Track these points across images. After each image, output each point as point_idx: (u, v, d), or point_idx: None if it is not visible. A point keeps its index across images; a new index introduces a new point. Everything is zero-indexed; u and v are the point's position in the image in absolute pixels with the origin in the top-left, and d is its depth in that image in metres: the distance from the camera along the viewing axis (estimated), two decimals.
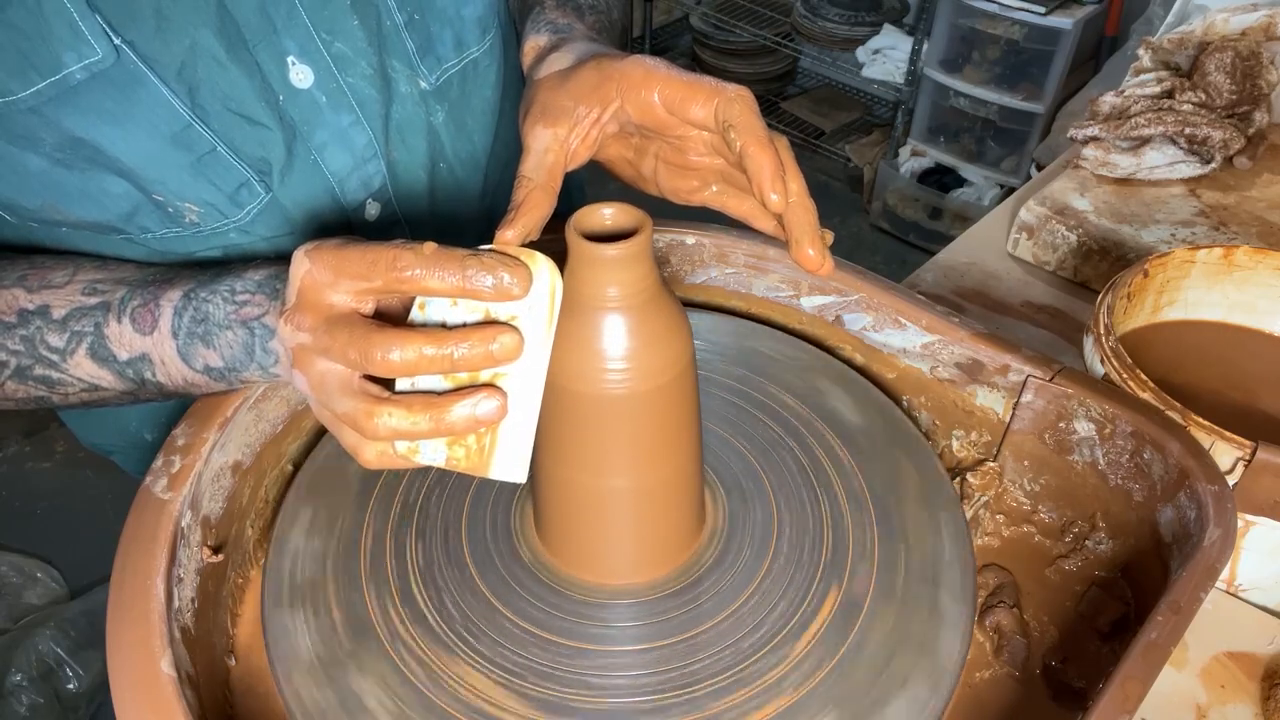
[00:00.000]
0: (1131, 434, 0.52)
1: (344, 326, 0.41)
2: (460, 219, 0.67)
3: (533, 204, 0.45)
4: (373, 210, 0.61)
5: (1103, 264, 0.87)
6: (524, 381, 0.41)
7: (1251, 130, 0.93)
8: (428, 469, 0.54)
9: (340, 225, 0.60)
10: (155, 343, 0.49)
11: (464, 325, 0.41)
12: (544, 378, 0.42)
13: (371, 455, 0.42)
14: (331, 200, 0.59)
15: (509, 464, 0.42)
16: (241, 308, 0.48)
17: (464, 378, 0.41)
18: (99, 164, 0.50)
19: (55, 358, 0.50)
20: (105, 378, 0.50)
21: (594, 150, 0.49)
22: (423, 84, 0.60)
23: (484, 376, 0.41)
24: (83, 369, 0.50)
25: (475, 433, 0.41)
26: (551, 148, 0.47)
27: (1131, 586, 0.53)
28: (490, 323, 0.41)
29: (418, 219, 0.65)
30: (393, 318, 0.43)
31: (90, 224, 0.53)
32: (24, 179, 0.50)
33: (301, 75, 0.54)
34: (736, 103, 0.45)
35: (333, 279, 0.41)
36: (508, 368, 0.41)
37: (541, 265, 0.41)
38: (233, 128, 0.52)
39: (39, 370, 0.51)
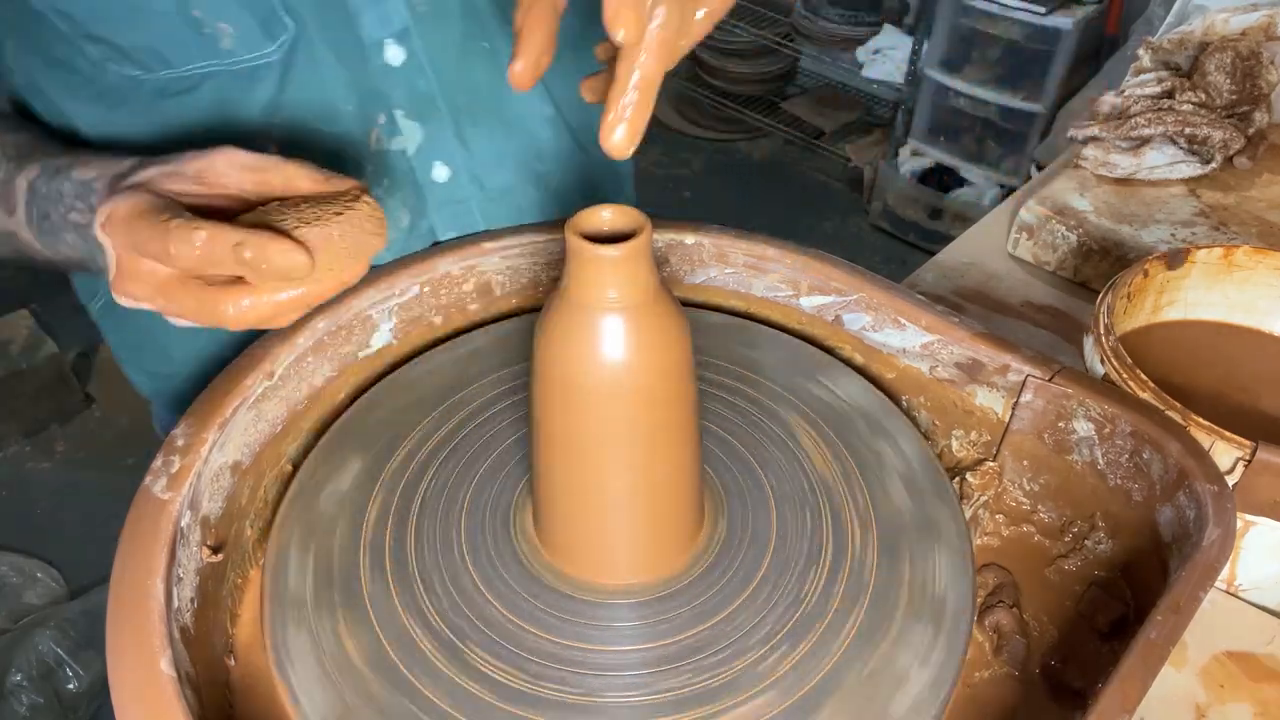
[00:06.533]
0: (1131, 434, 0.52)
1: (181, 293, 0.41)
2: (501, 84, 0.64)
3: (531, 26, 0.41)
4: (395, 54, 0.60)
5: (1103, 264, 0.87)
6: None
7: (1251, 130, 0.93)
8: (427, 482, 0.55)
9: (359, 68, 0.59)
10: (18, 225, 0.50)
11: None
12: None
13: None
14: (351, 36, 0.58)
15: None
16: (69, 212, 0.48)
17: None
18: None
19: None
20: None
21: None
22: None
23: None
24: None
25: None
26: None
27: (1131, 586, 0.53)
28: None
29: (448, 82, 0.63)
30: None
31: (135, 49, 0.53)
32: None
33: None
34: None
35: (136, 255, 0.41)
36: None
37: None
38: None
39: None
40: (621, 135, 0.41)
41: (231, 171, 0.46)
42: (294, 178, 0.46)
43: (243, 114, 0.58)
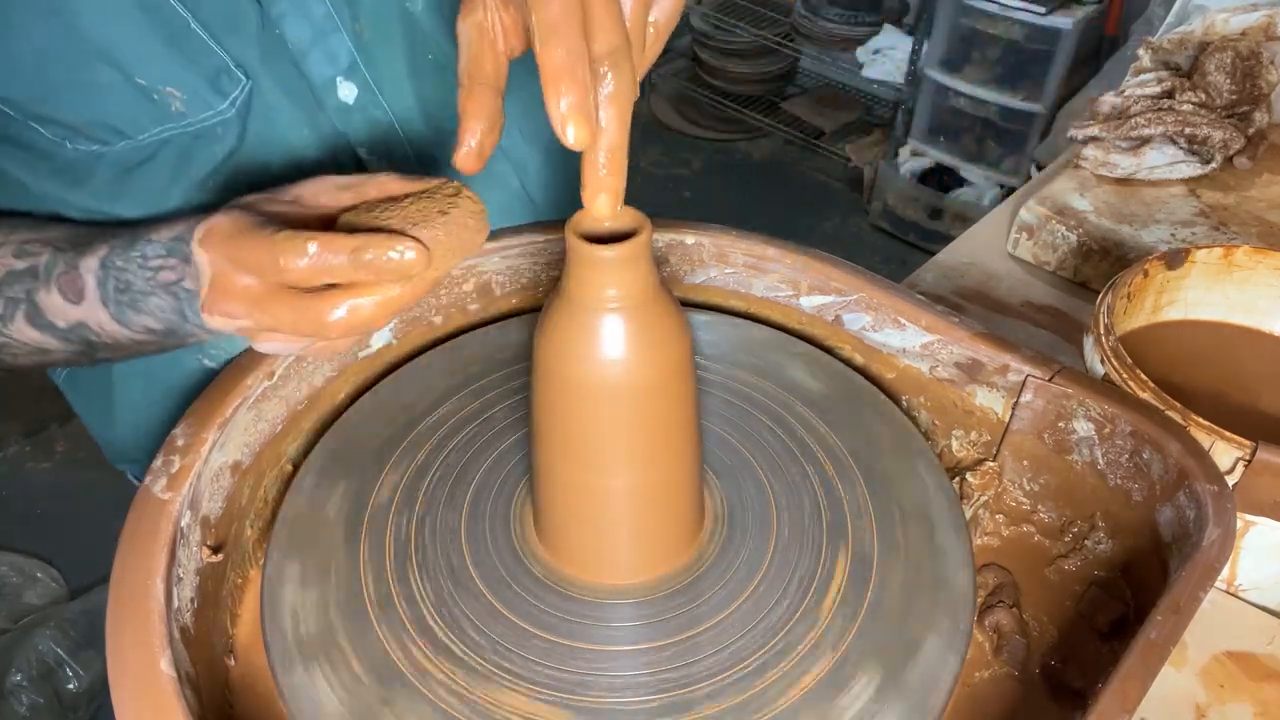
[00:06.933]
0: (1131, 434, 0.52)
1: (276, 304, 0.40)
2: (452, 98, 0.65)
3: (473, 110, 0.41)
4: (347, 91, 0.59)
5: (1103, 264, 0.87)
6: None
7: (1251, 130, 0.93)
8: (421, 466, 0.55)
9: (316, 112, 0.58)
10: (87, 311, 0.49)
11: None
12: None
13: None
14: (301, 79, 0.57)
15: None
16: (158, 273, 0.47)
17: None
18: (84, 51, 0.49)
19: None
20: (50, 343, 0.50)
21: (525, 34, 0.43)
22: None
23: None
24: (25, 335, 0.50)
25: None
26: (472, 40, 0.42)
27: (1131, 586, 0.53)
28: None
29: (403, 107, 0.62)
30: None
31: (87, 125, 0.53)
32: (18, 72, 0.50)
33: None
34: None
35: (234, 269, 0.41)
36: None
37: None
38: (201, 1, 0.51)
39: None
40: (604, 204, 0.42)
41: (327, 191, 0.46)
42: (386, 184, 0.46)
43: (205, 175, 0.57)
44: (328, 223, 0.43)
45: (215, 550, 0.49)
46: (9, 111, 0.53)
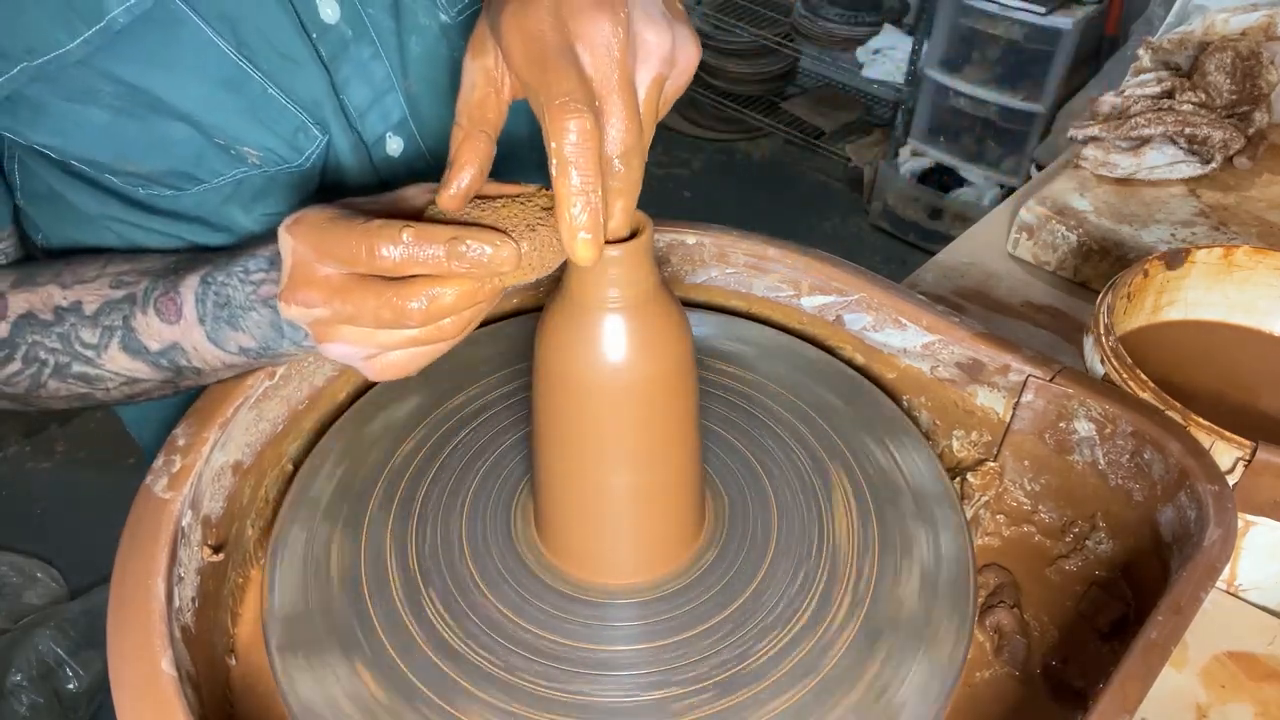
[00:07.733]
0: (1132, 434, 0.52)
1: (360, 292, 0.40)
2: (497, 164, 0.66)
3: (464, 157, 0.41)
4: (394, 145, 0.60)
5: (1103, 264, 0.87)
6: None
7: (1251, 130, 0.94)
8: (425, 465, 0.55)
9: (366, 165, 0.59)
10: (183, 331, 0.49)
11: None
12: None
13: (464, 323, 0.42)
14: (356, 135, 0.58)
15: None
16: (259, 287, 0.47)
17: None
18: (159, 111, 0.50)
19: (90, 354, 0.50)
20: (141, 369, 0.51)
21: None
22: (443, 17, 0.59)
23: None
24: (117, 363, 0.50)
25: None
26: (478, 83, 0.42)
27: (1131, 586, 0.53)
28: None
29: (444, 154, 0.63)
30: None
31: (162, 174, 0.53)
32: (91, 134, 0.50)
33: (330, 11, 0.53)
34: (551, 121, 0.37)
35: (317, 257, 0.41)
36: None
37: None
38: (280, 69, 0.52)
39: (77, 367, 0.51)
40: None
41: (420, 195, 0.46)
42: (482, 187, 0.45)
43: (278, 212, 0.58)
44: (414, 217, 0.43)
45: (216, 550, 0.49)
46: (87, 170, 0.53)
